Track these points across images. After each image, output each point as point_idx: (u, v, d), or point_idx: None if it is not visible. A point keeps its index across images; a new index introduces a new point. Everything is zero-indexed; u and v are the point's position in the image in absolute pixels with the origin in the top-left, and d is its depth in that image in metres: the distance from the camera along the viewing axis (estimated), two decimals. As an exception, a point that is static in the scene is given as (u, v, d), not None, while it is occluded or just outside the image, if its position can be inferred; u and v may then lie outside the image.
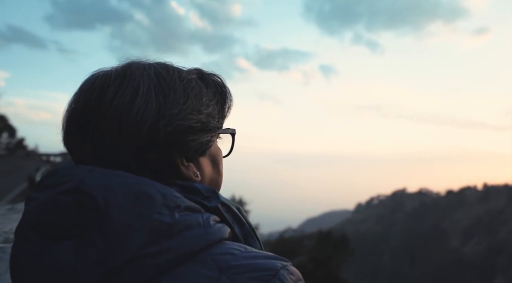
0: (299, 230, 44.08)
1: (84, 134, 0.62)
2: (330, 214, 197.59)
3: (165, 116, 0.61)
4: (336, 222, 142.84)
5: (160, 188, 0.57)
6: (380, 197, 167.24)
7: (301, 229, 47.96)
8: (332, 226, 79.04)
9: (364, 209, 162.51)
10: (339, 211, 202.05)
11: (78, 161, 0.64)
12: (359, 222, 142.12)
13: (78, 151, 0.63)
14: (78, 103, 0.63)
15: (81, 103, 0.63)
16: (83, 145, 0.62)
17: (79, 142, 0.63)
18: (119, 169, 0.59)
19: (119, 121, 0.60)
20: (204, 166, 0.68)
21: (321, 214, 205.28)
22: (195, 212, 0.58)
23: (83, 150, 0.62)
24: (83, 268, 0.51)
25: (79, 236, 0.53)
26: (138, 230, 0.52)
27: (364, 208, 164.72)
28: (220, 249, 0.56)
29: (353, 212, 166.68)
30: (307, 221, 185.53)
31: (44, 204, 0.56)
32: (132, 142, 0.60)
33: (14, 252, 0.57)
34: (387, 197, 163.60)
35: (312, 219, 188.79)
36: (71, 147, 0.64)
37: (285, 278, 0.54)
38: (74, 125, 0.63)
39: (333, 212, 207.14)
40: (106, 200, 0.54)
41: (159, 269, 0.52)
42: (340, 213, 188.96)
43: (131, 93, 0.61)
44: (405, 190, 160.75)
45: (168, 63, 0.69)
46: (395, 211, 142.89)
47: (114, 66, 0.66)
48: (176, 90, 0.63)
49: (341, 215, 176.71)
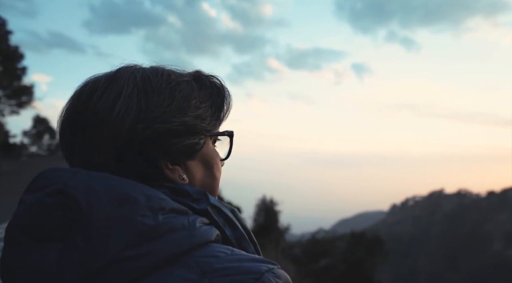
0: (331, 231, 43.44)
1: (73, 138, 0.63)
2: (363, 215, 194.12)
3: (144, 119, 0.61)
4: (370, 223, 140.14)
5: (145, 190, 0.57)
6: (416, 198, 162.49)
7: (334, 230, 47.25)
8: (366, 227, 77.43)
9: (399, 210, 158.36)
10: (372, 212, 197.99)
11: (71, 164, 0.65)
12: (394, 224, 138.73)
13: (70, 155, 0.65)
14: (69, 108, 0.65)
15: (71, 108, 0.64)
16: (72, 148, 0.64)
17: (70, 145, 0.64)
18: (103, 172, 0.59)
19: (100, 124, 0.61)
20: (193, 169, 0.67)
21: (354, 215, 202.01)
22: (181, 214, 0.58)
23: (73, 153, 0.64)
24: (65, 270, 0.51)
25: (63, 238, 0.53)
26: (119, 232, 0.52)
27: (399, 209, 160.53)
28: (205, 252, 0.55)
29: (387, 213, 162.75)
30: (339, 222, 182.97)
31: (31, 206, 0.57)
32: (111, 144, 0.60)
33: (3, 254, 0.57)
34: (423, 198, 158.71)
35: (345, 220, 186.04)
36: (64, 151, 0.66)
37: (270, 281, 0.53)
38: (66, 130, 0.65)
39: (366, 213, 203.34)
40: (89, 202, 0.54)
41: (139, 272, 0.51)
42: (373, 214, 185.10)
43: (114, 96, 0.62)
44: (442, 190, 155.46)
45: (162, 66, 0.69)
46: (432, 212, 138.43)
47: (107, 72, 0.67)
48: (160, 93, 0.63)
49: (375, 216, 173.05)
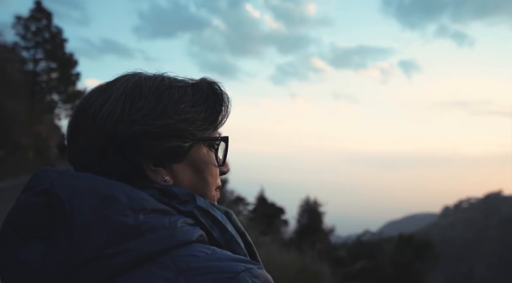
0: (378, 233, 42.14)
1: (71, 140, 0.68)
2: (413, 217, 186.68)
3: (126, 121, 0.63)
4: (420, 225, 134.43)
5: (127, 190, 0.58)
6: (471, 200, 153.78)
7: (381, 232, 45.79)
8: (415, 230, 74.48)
9: (452, 212, 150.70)
10: (423, 214, 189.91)
11: (70, 165, 0.69)
12: (447, 227, 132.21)
13: (69, 155, 0.69)
14: (72, 112, 0.70)
15: (74, 112, 0.69)
16: (71, 149, 0.68)
17: (69, 147, 0.69)
18: (89, 172, 0.62)
19: (88, 126, 0.65)
20: (179, 172, 0.68)
21: (403, 217, 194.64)
22: (164, 214, 0.59)
23: (71, 154, 0.68)
24: (47, 267, 0.54)
25: (48, 236, 0.56)
26: (99, 231, 0.54)
27: (452, 211, 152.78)
28: (184, 251, 0.56)
29: (439, 216, 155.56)
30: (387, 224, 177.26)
31: (21, 204, 0.60)
32: (95, 145, 0.64)
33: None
34: (479, 200, 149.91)
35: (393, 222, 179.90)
36: (67, 152, 0.70)
37: (246, 281, 0.53)
38: (67, 133, 0.69)
39: (416, 215, 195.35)
40: (72, 201, 0.56)
41: (117, 269, 0.53)
42: (424, 216, 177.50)
43: (103, 100, 0.65)
44: (500, 192, 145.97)
45: (161, 74, 0.71)
46: (489, 215, 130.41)
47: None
48: (147, 97, 0.65)
49: (425, 219, 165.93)
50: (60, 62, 30.18)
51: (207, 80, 0.74)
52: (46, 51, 29.72)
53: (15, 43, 28.12)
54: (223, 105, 0.72)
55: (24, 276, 0.55)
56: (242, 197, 33.03)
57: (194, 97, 0.69)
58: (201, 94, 0.70)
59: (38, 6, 29.35)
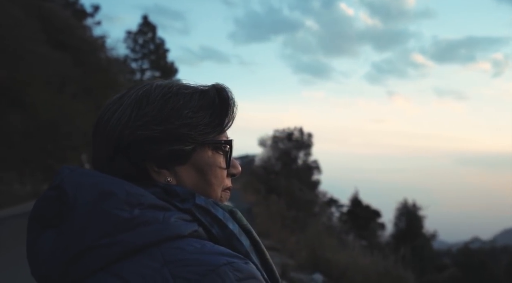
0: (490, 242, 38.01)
1: (92, 145, 0.73)
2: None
3: (131, 126, 0.68)
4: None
5: (127, 187, 0.63)
6: None
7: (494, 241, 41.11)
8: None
9: None
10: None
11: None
12: None
13: (92, 158, 0.74)
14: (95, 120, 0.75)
15: (96, 119, 0.74)
16: (92, 153, 0.73)
17: (92, 151, 0.74)
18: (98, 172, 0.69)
19: (101, 132, 0.70)
20: (182, 173, 0.71)
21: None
22: (160, 210, 0.62)
23: (92, 157, 0.74)
24: (55, 253, 0.60)
25: (57, 226, 0.62)
26: (97, 223, 0.59)
27: None
28: (175, 244, 0.59)
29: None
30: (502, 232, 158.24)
31: (41, 197, 0.67)
32: (105, 149, 0.69)
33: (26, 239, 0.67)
34: None
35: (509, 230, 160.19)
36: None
37: (226, 274, 0.55)
38: (92, 138, 0.74)
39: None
40: (75, 195, 0.61)
41: (111, 258, 0.58)
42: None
43: (116, 108, 0.70)
44: None
45: (173, 81, 0.75)
46: None
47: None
48: (153, 103, 0.69)
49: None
50: (163, 71, 32.99)
51: (216, 86, 0.76)
52: (151, 62, 32.81)
53: (126, 56, 31.51)
54: (228, 110, 0.75)
55: (38, 261, 0.62)
56: (335, 198, 32.52)
57: (199, 103, 0.72)
58: (207, 100, 0.73)
59: (145, 20, 32.67)
